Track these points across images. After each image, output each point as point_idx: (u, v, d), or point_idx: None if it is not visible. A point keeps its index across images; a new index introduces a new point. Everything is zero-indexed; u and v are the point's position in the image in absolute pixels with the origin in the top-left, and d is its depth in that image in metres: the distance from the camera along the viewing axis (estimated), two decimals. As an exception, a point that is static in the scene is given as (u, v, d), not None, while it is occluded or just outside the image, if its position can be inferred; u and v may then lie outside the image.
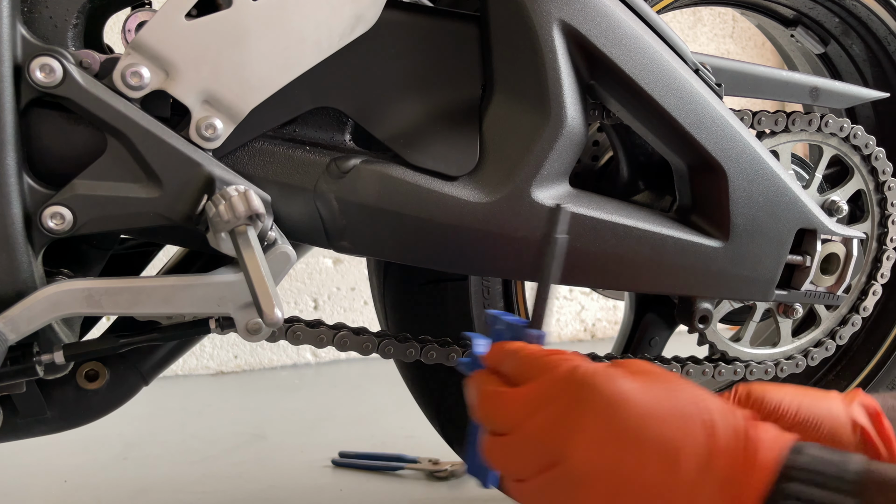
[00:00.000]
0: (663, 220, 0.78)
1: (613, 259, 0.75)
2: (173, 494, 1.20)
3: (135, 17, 0.66)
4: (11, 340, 0.60)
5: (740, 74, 0.86)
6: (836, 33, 1.04)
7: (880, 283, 0.97)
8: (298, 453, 1.35)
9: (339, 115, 0.71)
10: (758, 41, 2.38)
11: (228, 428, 1.53)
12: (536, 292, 0.61)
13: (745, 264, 0.80)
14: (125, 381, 0.77)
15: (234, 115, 0.64)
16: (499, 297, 0.89)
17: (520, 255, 0.73)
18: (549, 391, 0.48)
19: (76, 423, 0.77)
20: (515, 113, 0.71)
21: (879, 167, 0.94)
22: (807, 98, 0.90)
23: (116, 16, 0.74)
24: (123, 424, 1.35)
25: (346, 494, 1.18)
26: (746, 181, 0.78)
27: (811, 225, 0.83)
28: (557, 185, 0.73)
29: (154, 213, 0.62)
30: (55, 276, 0.67)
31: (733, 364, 0.92)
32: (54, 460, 1.32)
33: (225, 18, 0.62)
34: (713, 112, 0.76)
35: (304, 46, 0.64)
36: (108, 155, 0.61)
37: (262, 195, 0.64)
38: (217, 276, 0.64)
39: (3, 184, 0.59)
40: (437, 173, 0.70)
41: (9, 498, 1.20)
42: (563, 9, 0.70)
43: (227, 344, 2.01)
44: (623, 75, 0.72)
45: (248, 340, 0.67)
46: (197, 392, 1.85)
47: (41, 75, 0.59)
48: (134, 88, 0.61)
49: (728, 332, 0.94)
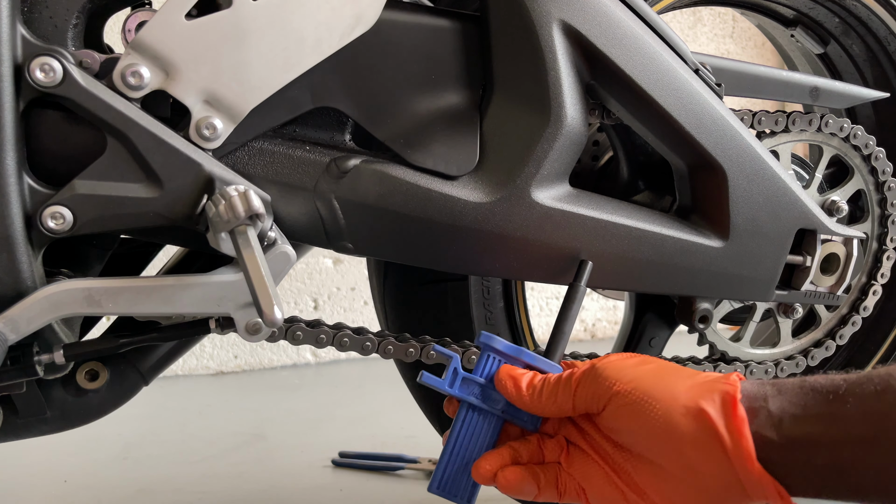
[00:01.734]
0: (663, 220, 0.78)
1: (613, 259, 0.75)
2: (173, 494, 1.20)
3: (135, 17, 0.66)
4: (11, 340, 0.60)
5: (740, 74, 0.86)
6: (837, 33, 1.04)
7: (880, 283, 0.97)
8: (298, 453, 1.35)
9: (339, 115, 0.71)
10: (758, 41, 2.38)
11: (228, 428, 1.53)
12: (554, 331, 0.69)
13: (745, 264, 0.80)
14: (125, 381, 0.77)
15: (235, 115, 0.64)
16: (499, 297, 0.89)
17: (520, 255, 0.73)
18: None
19: (76, 423, 0.77)
20: (515, 113, 0.71)
21: (879, 167, 0.94)
22: (807, 98, 0.90)
23: (116, 16, 0.74)
24: (123, 424, 1.35)
25: (346, 494, 1.18)
26: (746, 181, 0.78)
27: (811, 225, 0.83)
28: (557, 185, 0.73)
29: (154, 213, 0.62)
30: (55, 276, 0.67)
31: (733, 364, 0.92)
32: (54, 460, 1.32)
33: (225, 18, 0.62)
34: (713, 112, 0.76)
35: (304, 46, 0.64)
36: (108, 155, 0.61)
37: (262, 195, 0.64)
38: (217, 276, 0.64)
39: (3, 184, 0.59)
40: (438, 173, 0.70)
41: (9, 498, 1.20)
42: (563, 9, 0.70)
43: (227, 344, 2.01)
44: (623, 75, 0.72)
45: (248, 340, 0.67)
46: (197, 392, 1.85)
47: (41, 75, 0.59)
48: (134, 88, 0.61)
49: (728, 332, 0.94)
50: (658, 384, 0.56)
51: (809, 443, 0.51)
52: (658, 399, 0.55)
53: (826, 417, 0.51)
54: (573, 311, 0.70)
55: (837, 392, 0.51)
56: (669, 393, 0.55)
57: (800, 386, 0.53)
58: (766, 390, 0.54)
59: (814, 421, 0.51)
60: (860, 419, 0.50)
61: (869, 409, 0.50)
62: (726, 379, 0.56)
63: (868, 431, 0.49)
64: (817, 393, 0.52)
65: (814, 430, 0.51)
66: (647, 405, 0.55)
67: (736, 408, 0.53)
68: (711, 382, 0.56)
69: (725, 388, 0.54)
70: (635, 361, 0.61)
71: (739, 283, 0.81)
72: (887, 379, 0.50)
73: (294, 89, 0.66)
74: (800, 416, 0.52)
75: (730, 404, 0.53)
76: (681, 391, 0.55)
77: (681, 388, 0.55)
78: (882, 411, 0.49)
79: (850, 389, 0.51)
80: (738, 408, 0.53)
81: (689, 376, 0.57)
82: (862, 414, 0.50)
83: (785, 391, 0.54)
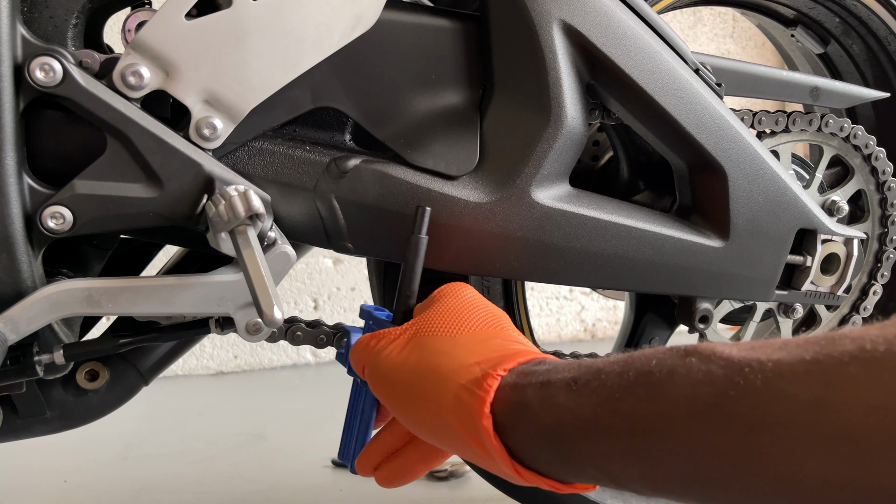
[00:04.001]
0: (663, 220, 0.78)
1: (613, 259, 0.75)
2: (173, 494, 1.20)
3: (135, 17, 0.66)
4: (11, 340, 0.60)
5: (741, 74, 0.86)
6: (837, 33, 1.04)
7: (880, 283, 0.97)
8: (298, 453, 1.35)
9: (339, 115, 0.71)
10: (758, 41, 2.38)
11: (228, 428, 1.53)
12: (398, 289, 0.65)
13: (745, 264, 0.80)
14: (125, 381, 0.77)
15: (234, 115, 0.64)
16: (499, 297, 0.89)
17: (520, 255, 0.73)
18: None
19: (76, 423, 0.77)
20: (515, 113, 0.71)
21: (880, 167, 0.93)
22: (807, 98, 0.90)
23: (116, 16, 0.74)
24: (123, 424, 1.35)
25: (345, 495, 1.18)
26: (747, 181, 0.78)
27: (811, 225, 0.83)
28: (557, 185, 0.73)
29: (154, 213, 0.62)
30: (55, 276, 0.67)
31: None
32: (54, 460, 1.32)
33: (225, 18, 0.62)
34: (713, 112, 0.76)
35: (304, 46, 0.64)
36: (108, 155, 0.61)
37: (262, 195, 0.64)
38: (217, 276, 0.64)
39: (3, 184, 0.59)
40: (438, 173, 0.70)
41: (9, 498, 1.20)
42: (563, 8, 0.70)
43: (227, 344, 2.01)
44: (623, 75, 0.72)
45: (248, 340, 0.67)
46: (197, 392, 1.85)
47: (41, 75, 0.59)
48: (134, 88, 0.61)
49: (728, 332, 0.94)
50: (420, 380, 0.54)
51: (527, 412, 0.48)
52: (424, 394, 0.53)
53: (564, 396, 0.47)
54: (416, 266, 0.64)
55: (591, 375, 0.47)
56: (435, 383, 0.53)
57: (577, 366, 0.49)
58: (546, 368, 0.50)
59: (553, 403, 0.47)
60: (596, 403, 0.45)
61: (606, 396, 0.45)
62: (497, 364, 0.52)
63: (603, 418, 0.44)
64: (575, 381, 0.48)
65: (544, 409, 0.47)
66: (411, 405, 0.55)
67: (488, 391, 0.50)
68: (473, 366, 0.53)
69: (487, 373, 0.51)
70: (401, 357, 0.57)
71: (740, 283, 0.81)
72: (630, 360, 0.46)
73: (294, 89, 0.66)
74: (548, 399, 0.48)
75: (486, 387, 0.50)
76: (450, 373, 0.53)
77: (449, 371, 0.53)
78: (609, 395, 0.45)
79: (605, 369, 0.47)
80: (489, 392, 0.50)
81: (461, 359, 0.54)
82: (600, 399, 0.45)
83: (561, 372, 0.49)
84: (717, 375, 0.39)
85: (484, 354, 0.53)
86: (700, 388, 0.40)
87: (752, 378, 0.38)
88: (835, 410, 0.34)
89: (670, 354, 0.43)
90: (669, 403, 0.41)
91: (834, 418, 0.34)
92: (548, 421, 0.47)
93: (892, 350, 0.34)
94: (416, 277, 0.64)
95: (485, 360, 0.52)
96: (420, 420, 0.55)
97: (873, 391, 0.33)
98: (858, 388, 0.34)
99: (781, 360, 0.37)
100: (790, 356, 0.37)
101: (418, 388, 0.54)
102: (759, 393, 0.37)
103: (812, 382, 0.35)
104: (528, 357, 0.53)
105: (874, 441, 0.32)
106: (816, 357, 0.36)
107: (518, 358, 0.52)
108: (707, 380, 0.40)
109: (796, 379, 0.36)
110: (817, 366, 0.36)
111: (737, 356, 0.39)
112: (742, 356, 0.39)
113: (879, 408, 0.33)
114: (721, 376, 0.39)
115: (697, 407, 0.39)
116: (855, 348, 0.35)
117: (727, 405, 0.38)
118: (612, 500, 0.95)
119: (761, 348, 0.39)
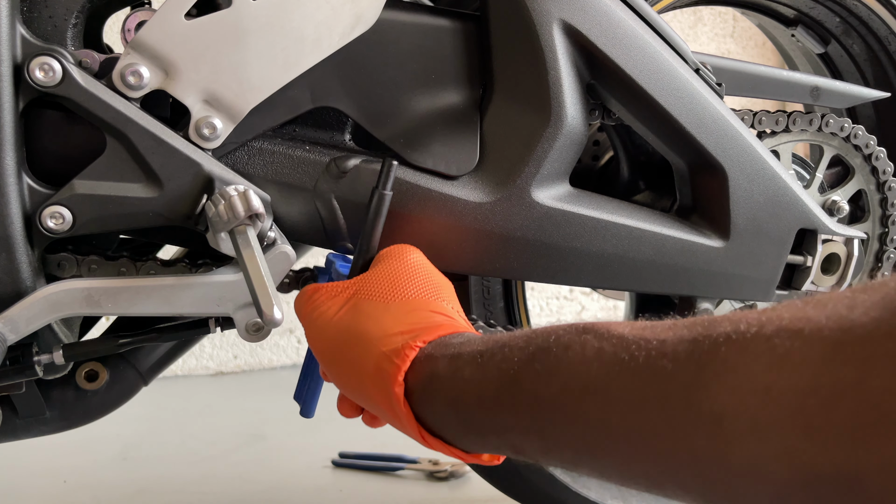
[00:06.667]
0: (664, 220, 0.78)
1: (614, 259, 0.75)
2: (173, 494, 1.20)
3: (134, 17, 0.66)
4: (11, 340, 0.60)
5: (741, 74, 0.85)
6: (837, 33, 1.03)
7: (881, 283, 0.96)
8: (298, 454, 1.35)
9: (339, 115, 0.71)
10: (758, 41, 2.38)
11: (228, 428, 1.53)
12: (358, 244, 0.65)
13: (745, 264, 0.80)
14: (125, 381, 0.77)
15: (234, 115, 0.64)
16: (499, 297, 0.89)
17: (520, 255, 0.73)
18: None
19: (76, 423, 0.77)
20: (515, 113, 0.71)
21: (880, 167, 0.93)
22: (807, 98, 0.90)
23: (116, 16, 0.74)
24: (123, 424, 1.35)
25: (346, 495, 1.18)
26: (747, 181, 0.78)
27: (812, 225, 0.83)
28: (558, 185, 0.73)
29: (153, 212, 0.62)
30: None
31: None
32: (54, 460, 1.32)
33: (224, 18, 0.62)
34: (714, 112, 0.76)
35: (304, 46, 0.64)
36: (108, 155, 0.61)
37: (262, 195, 0.64)
38: (217, 276, 0.64)
39: (3, 184, 0.59)
40: (438, 173, 0.70)
41: (9, 498, 1.20)
42: (563, 8, 0.70)
43: (227, 344, 2.01)
44: (623, 75, 0.72)
45: (248, 340, 0.67)
46: (197, 392, 1.85)
47: (41, 75, 0.59)
48: (133, 88, 0.61)
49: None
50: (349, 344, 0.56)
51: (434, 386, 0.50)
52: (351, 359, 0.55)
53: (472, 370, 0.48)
54: (378, 222, 0.64)
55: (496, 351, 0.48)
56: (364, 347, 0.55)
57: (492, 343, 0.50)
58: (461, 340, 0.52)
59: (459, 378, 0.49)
60: (498, 377, 0.46)
61: (507, 370, 0.46)
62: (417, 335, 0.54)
63: (504, 392, 0.46)
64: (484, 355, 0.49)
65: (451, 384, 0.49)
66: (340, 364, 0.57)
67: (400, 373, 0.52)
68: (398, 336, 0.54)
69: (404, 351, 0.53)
70: (336, 317, 0.58)
71: (740, 283, 0.80)
72: (533, 336, 0.46)
73: (294, 89, 0.66)
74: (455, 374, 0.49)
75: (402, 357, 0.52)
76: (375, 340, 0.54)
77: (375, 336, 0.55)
78: (509, 370, 0.46)
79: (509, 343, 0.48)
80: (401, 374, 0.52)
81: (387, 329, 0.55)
82: (501, 373, 0.46)
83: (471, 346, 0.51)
84: (607, 353, 0.40)
85: (408, 325, 0.55)
86: (591, 366, 0.41)
87: (636, 356, 0.38)
88: (706, 391, 0.34)
89: (569, 331, 0.44)
90: (564, 380, 0.42)
91: (704, 398, 0.34)
92: (454, 393, 0.49)
93: (761, 332, 0.34)
94: (376, 234, 0.64)
95: (408, 330, 0.54)
96: (345, 381, 0.58)
97: (738, 372, 0.33)
98: (728, 369, 0.34)
99: (667, 339, 0.38)
100: (675, 336, 0.38)
101: (346, 351, 0.56)
102: (642, 371, 0.38)
103: (689, 362, 0.36)
104: (450, 330, 0.55)
105: (738, 422, 0.33)
106: (696, 337, 0.37)
107: (439, 331, 0.54)
108: (597, 357, 0.41)
109: (676, 358, 0.37)
110: (696, 346, 0.36)
111: (628, 334, 0.40)
112: (633, 335, 0.40)
113: (743, 389, 0.33)
114: (610, 354, 0.40)
115: (588, 384, 0.41)
116: (731, 330, 0.35)
117: (613, 383, 0.39)
118: (612, 501, 0.95)
119: (652, 328, 0.40)
